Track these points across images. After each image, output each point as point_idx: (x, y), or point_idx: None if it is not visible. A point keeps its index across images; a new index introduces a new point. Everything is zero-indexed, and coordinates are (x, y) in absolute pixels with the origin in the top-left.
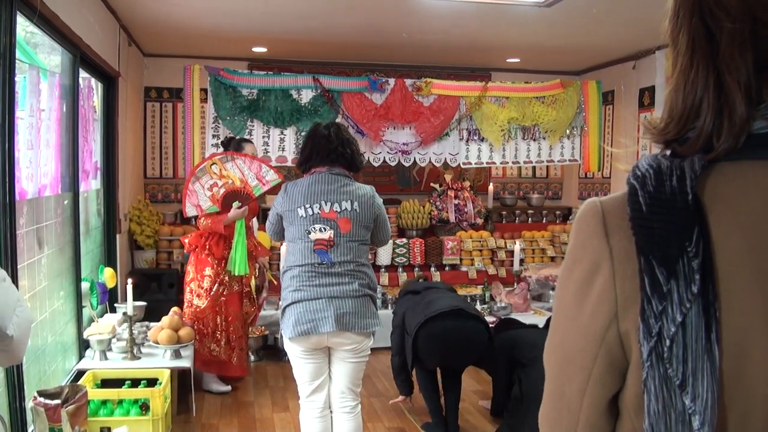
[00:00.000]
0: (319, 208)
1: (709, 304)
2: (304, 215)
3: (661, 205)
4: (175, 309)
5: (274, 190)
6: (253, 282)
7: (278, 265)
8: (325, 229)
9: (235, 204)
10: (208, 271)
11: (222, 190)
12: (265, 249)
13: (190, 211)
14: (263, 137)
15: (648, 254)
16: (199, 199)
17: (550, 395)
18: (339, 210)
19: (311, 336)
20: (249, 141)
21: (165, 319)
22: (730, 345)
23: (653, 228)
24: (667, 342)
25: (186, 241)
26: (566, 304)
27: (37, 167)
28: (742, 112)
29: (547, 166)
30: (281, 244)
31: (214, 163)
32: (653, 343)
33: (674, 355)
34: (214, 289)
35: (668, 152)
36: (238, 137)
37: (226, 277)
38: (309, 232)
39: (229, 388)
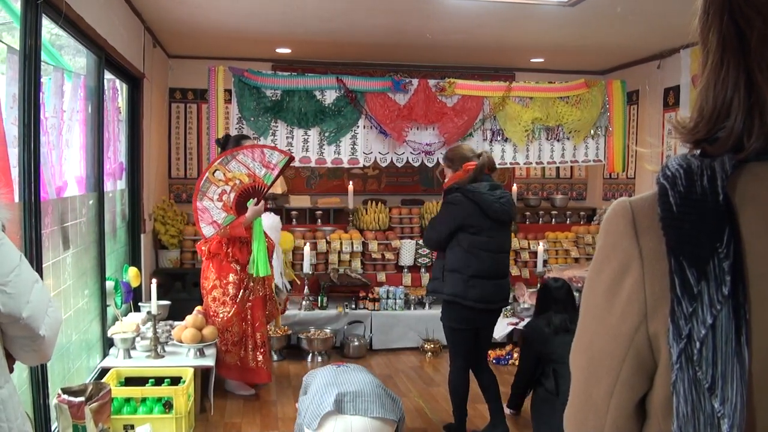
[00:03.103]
0: None
1: (739, 306)
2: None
3: (692, 206)
4: (198, 308)
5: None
6: (272, 282)
7: (301, 264)
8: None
9: (251, 202)
10: (231, 277)
11: (233, 195)
12: (272, 243)
13: (207, 231)
14: (287, 138)
15: (679, 255)
16: (213, 214)
17: (576, 397)
18: None
19: None
20: (248, 137)
21: (189, 318)
22: (760, 348)
23: (684, 228)
24: (697, 344)
25: (204, 248)
26: (595, 304)
27: (62, 168)
28: None
29: (571, 167)
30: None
31: (216, 170)
32: (683, 345)
33: (704, 358)
34: (240, 296)
35: (697, 152)
36: (236, 135)
37: (251, 282)
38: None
39: (253, 391)
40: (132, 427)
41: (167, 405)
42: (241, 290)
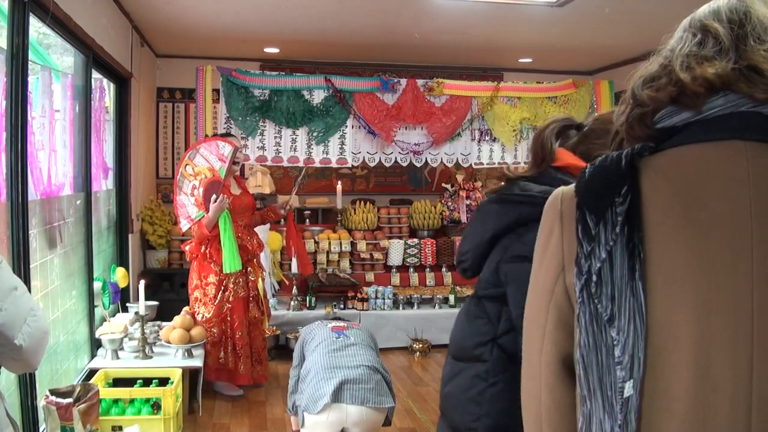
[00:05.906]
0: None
1: (634, 247)
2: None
3: (600, 172)
4: (186, 309)
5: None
6: (260, 285)
7: (289, 264)
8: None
9: (212, 198)
10: (211, 278)
11: (201, 189)
12: (261, 244)
13: (184, 225)
14: (275, 137)
15: (583, 206)
16: (188, 209)
17: (523, 363)
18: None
19: None
20: (232, 135)
21: (177, 319)
22: (656, 286)
23: (590, 188)
24: (594, 278)
25: (187, 249)
26: (533, 270)
27: (49, 168)
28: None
29: None
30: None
31: (186, 165)
32: (584, 281)
33: (603, 293)
34: (219, 297)
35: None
36: (221, 133)
37: (231, 284)
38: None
39: (241, 392)
40: (120, 428)
41: (155, 406)
42: (221, 291)
